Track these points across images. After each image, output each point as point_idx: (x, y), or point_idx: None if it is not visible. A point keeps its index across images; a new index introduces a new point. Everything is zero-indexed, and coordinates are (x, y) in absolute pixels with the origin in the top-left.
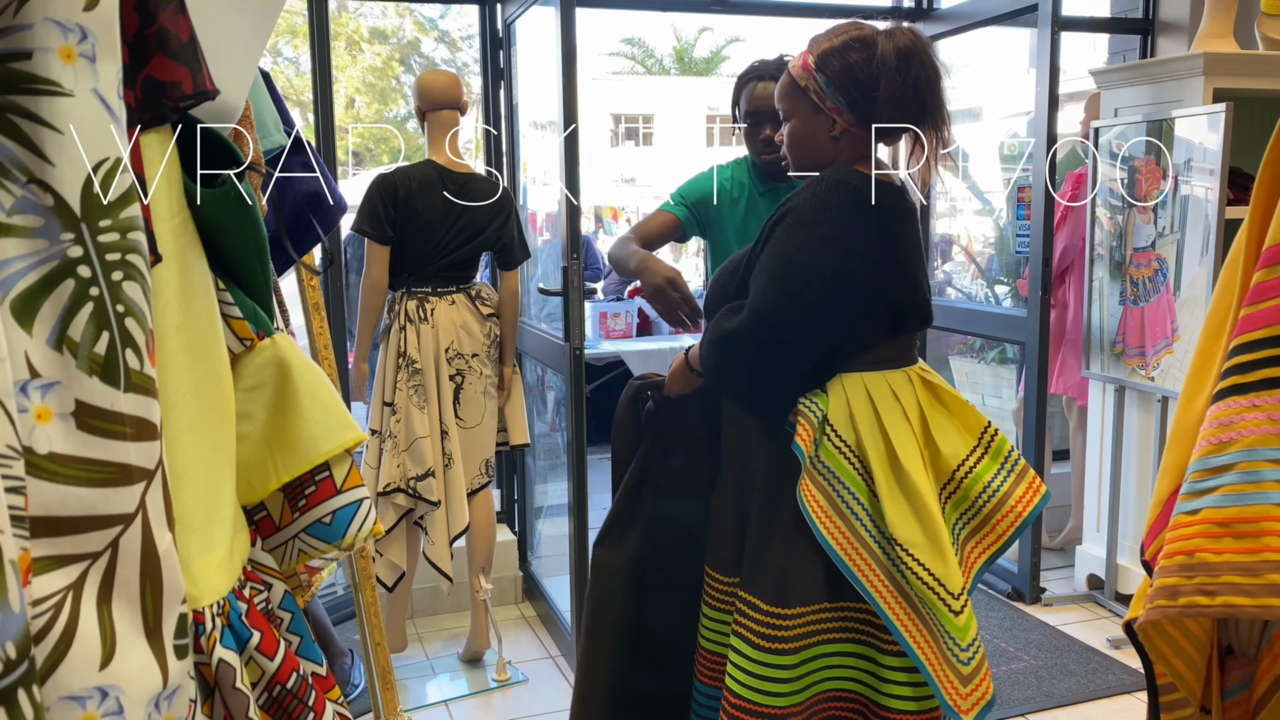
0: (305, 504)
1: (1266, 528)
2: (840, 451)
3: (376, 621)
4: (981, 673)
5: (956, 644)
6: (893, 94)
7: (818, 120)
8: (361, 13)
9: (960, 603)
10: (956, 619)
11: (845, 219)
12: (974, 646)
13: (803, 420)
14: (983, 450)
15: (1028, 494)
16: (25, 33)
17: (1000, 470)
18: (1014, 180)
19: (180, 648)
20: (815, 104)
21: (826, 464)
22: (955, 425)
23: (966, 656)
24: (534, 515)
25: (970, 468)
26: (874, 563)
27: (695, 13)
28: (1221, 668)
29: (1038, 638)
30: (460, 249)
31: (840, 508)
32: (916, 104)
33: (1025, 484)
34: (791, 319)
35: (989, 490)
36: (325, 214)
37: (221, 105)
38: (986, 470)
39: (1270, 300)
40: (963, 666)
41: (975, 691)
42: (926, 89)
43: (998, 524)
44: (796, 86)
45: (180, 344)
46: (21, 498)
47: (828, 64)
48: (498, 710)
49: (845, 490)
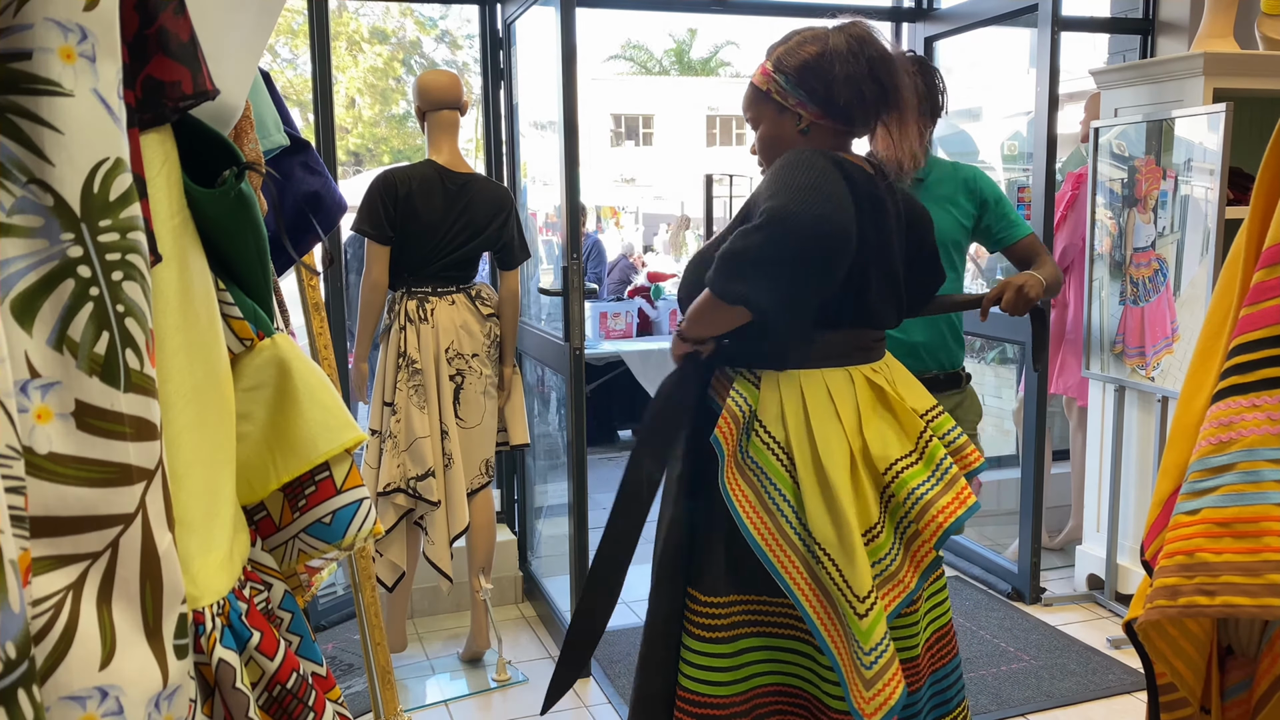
0: (305, 504)
1: (1266, 528)
2: (768, 448)
3: (376, 621)
4: (885, 677)
5: (860, 646)
6: (848, 74)
7: (784, 119)
8: (362, 13)
9: (865, 605)
10: (860, 621)
11: (819, 173)
12: (877, 650)
13: (726, 414)
14: (917, 456)
15: (952, 504)
16: (25, 33)
17: (930, 478)
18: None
19: (180, 648)
20: (779, 104)
21: (755, 459)
22: (894, 428)
23: (869, 660)
24: (534, 515)
25: (898, 472)
26: (797, 559)
27: (695, 13)
28: (1221, 668)
29: (1038, 638)
30: (460, 249)
31: (767, 503)
32: (874, 82)
33: (953, 494)
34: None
35: (914, 496)
36: (325, 214)
37: (221, 105)
38: (914, 476)
39: (1270, 300)
40: (865, 670)
41: (878, 696)
42: (881, 69)
43: (923, 531)
44: (759, 92)
45: (180, 344)
46: (21, 498)
47: (784, 64)
48: (498, 710)
49: (772, 486)
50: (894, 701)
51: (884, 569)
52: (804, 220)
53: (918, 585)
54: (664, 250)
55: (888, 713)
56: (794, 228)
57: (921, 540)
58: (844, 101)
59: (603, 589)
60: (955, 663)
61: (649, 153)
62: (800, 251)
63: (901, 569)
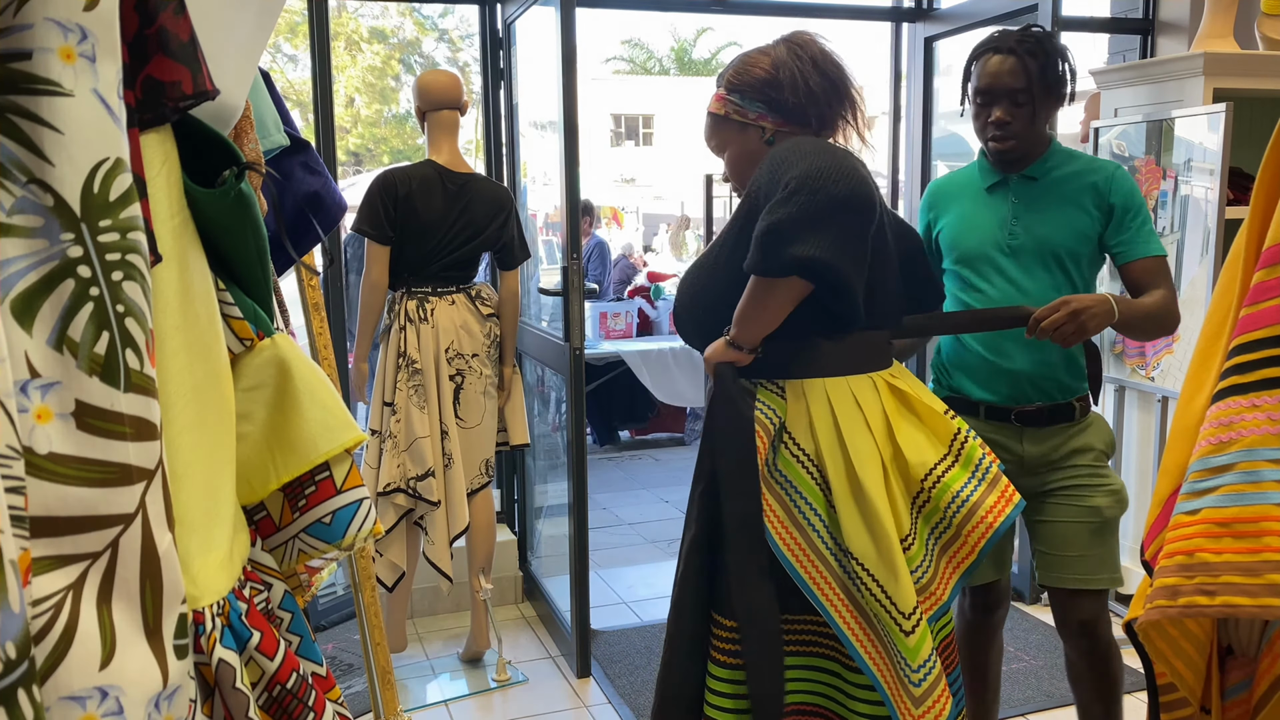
0: (305, 504)
1: (1266, 528)
2: (798, 460)
3: (376, 621)
4: (935, 694)
5: (908, 664)
6: (792, 74)
7: (747, 135)
8: (361, 12)
9: (911, 623)
10: (907, 639)
11: (818, 145)
12: (926, 667)
13: (759, 430)
14: (953, 459)
15: (999, 503)
16: (25, 33)
17: (971, 479)
18: None
19: (180, 648)
20: (740, 123)
21: (784, 473)
22: (924, 433)
23: (918, 678)
24: (534, 515)
25: (938, 477)
26: (830, 576)
27: (695, 13)
28: (1221, 668)
29: (1038, 638)
30: (460, 249)
31: (798, 519)
32: (820, 76)
33: (997, 493)
34: (844, 171)
35: (958, 500)
36: (325, 214)
37: (221, 105)
38: (956, 479)
39: (1270, 300)
40: (914, 688)
41: (929, 713)
42: (824, 63)
43: (969, 535)
44: (718, 119)
45: (180, 344)
46: (21, 498)
47: (735, 84)
48: (498, 710)
49: (803, 501)
50: (944, 717)
51: (917, 579)
52: (834, 176)
53: (951, 597)
54: (664, 250)
55: None
56: (827, 184)
57: (965, 544)
58: (795, 101)
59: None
60: (956, 672)
61: (649, 153)
62: (841, 203)
63: (934, 581)
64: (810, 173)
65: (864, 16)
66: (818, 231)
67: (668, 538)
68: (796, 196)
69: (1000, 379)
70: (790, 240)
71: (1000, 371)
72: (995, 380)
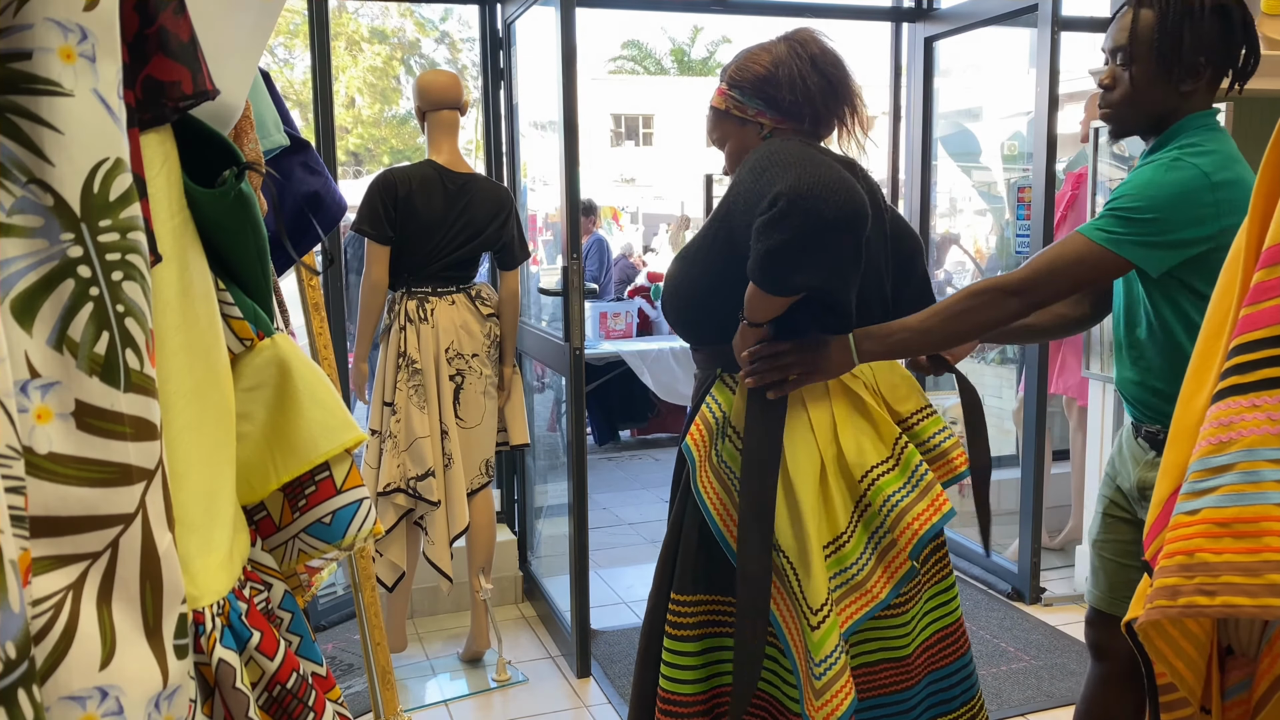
0: (305, 504)
1: (1266, 528)
2: (740, 451)
3: (376, 621)
4: (834, 688)
5: (811, 658)
6: (790, 73)
7: (746, 130)
8: (361, 13)
9: (818, 618)
10: (813, 633)
11: (800, 150)
12: (827, 662)
13: (699, 420)
14: (894, 462)
15: (928, 510)
16: (25, 33)
17: (906, 484)
18: (1014, 180)
19: (180, 648)
20: (739, 118)
21: (728, 463)
22: (870, 436)
23: (820, 670)
24: (534, 515)
25: (874, 479)
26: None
27: (694, 13)
28: (1221, 668)
29: (1038, 638)
30: (460, 249)
31: (736, 504)
32: (818, 75)
33: (928, 500)
34: (832, 181)
35: (889, 504)
36: (325, 214)
37: (221, 105)
38: (890, 483)
39: (1270, 300)
40: (816, 680)
41: (826, 706)
42: (824, 63)
43: (898, 539)
44: (719, 113)
45: (180, 344)
46: (21, 498)
47: (737, 79)
48: (498, 710)
49: (738, 487)
50: (841, 712)
51: (849, 577)
52: (823, 193)
53: (890, 595)
54: (664, 250)
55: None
56: (818, 204)
57: (897, 549)
58: (792, 100)
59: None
60: (960, 663)
61: (649, 153)
62: (833, 225)
63: (871, 578)
64: (800, 190)
65: (864, 16)
66: (815, 257)
67: None
68: (790, 220)
69: (1120, 389)
70: (792, 267)
71: (1117, 381)
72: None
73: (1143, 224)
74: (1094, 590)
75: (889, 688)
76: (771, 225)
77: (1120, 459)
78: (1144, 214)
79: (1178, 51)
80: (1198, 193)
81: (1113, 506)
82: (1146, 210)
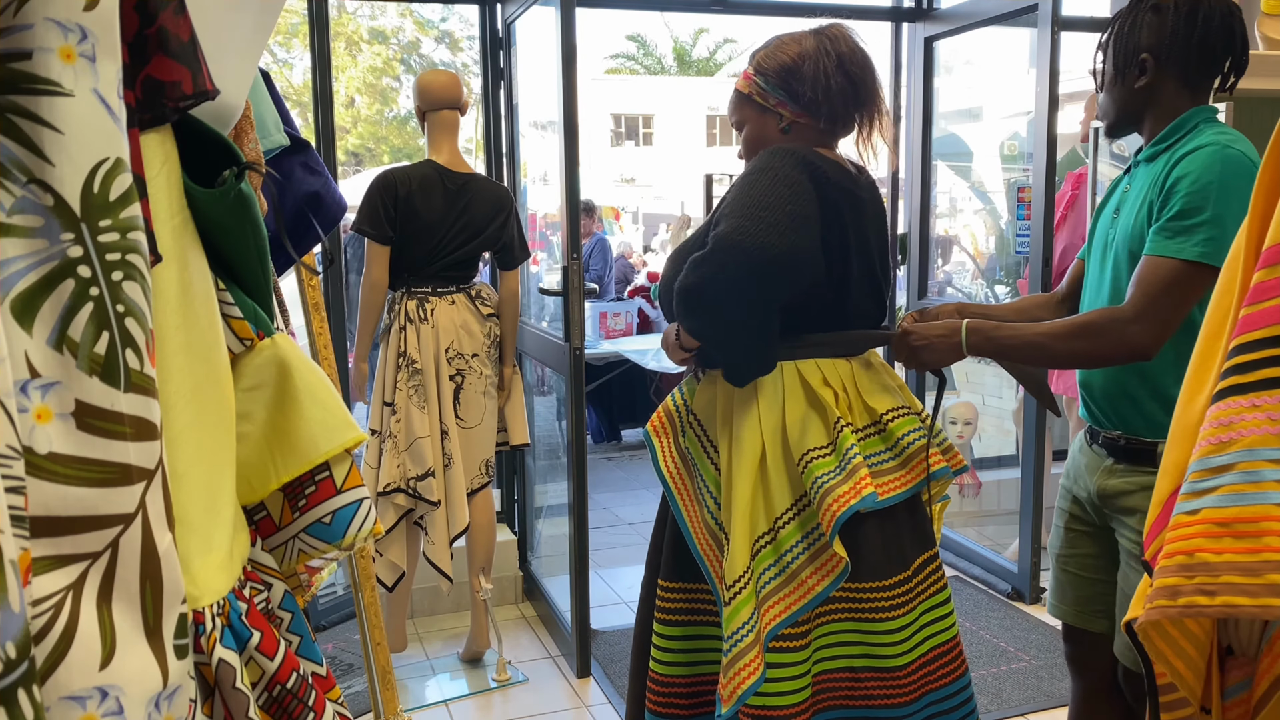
0: (305, 504)
1: (1266, 528)
2: (699, 440)
3: (376, 621)
4: (740, 664)
5: (724, 630)
6: (816, 70)
7: (766, 119)
8: (360, 13)
9: (731, 592)
10: (725, 608)
11: (782, 183)
12: (734, 639)
13: (661, 410)
14: (830, 448)
15: (848, 494)
16: (25, 33)
17: (836, 468)
18: (1014, 180)
19: (180, 648)
20: (760, 105)
21: (689, 450)
22: (816, 421)
23: (727, 646)
24: (534, 515)
25: (807, 461)
26: (716, 548)
27: (695, 13)
28: (1221, 668)
29: (1038, 638)
30: (460, 249)
31: (696, 492)
32: (842, 75)
33: (851, 483)
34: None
35: (817, 484)
36: (325, 214)
37: (221, 105)
38: (821, 467)
39: (1270, 300)
40: (724, 655)
41: (731, 682)
42: (850, 63)
43: (821, 520)
44: (742, 96)
45: (180, 344)
46: (21, 498)
47: (764, 67)
48: (498, 710)
49: (699, 476)
50: (743, 690)
51: (784, 565)
52: (759, 238)
53: (826, 589)
54: (665, 250)
55: (737, 700)
56: (740, 254)
57: (825, 540)
58: (814, 96)
59: None
60: (958, 685)
61: (649, 153)
62: (743, 283)
63: (804, 569)
64: (735, 234)
65: (864, 16)
66: (712, 310)
67: None
68: (708, 263)
69: (1084, 393)
70: (693, 309)
71: (1083, 383)
72: (1083, 393)
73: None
74: (1060, 605)
75: (877, 700)
76: (694, 265)
77: (1075, 470)
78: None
79: (1146, 52)
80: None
81: (1073, 520)
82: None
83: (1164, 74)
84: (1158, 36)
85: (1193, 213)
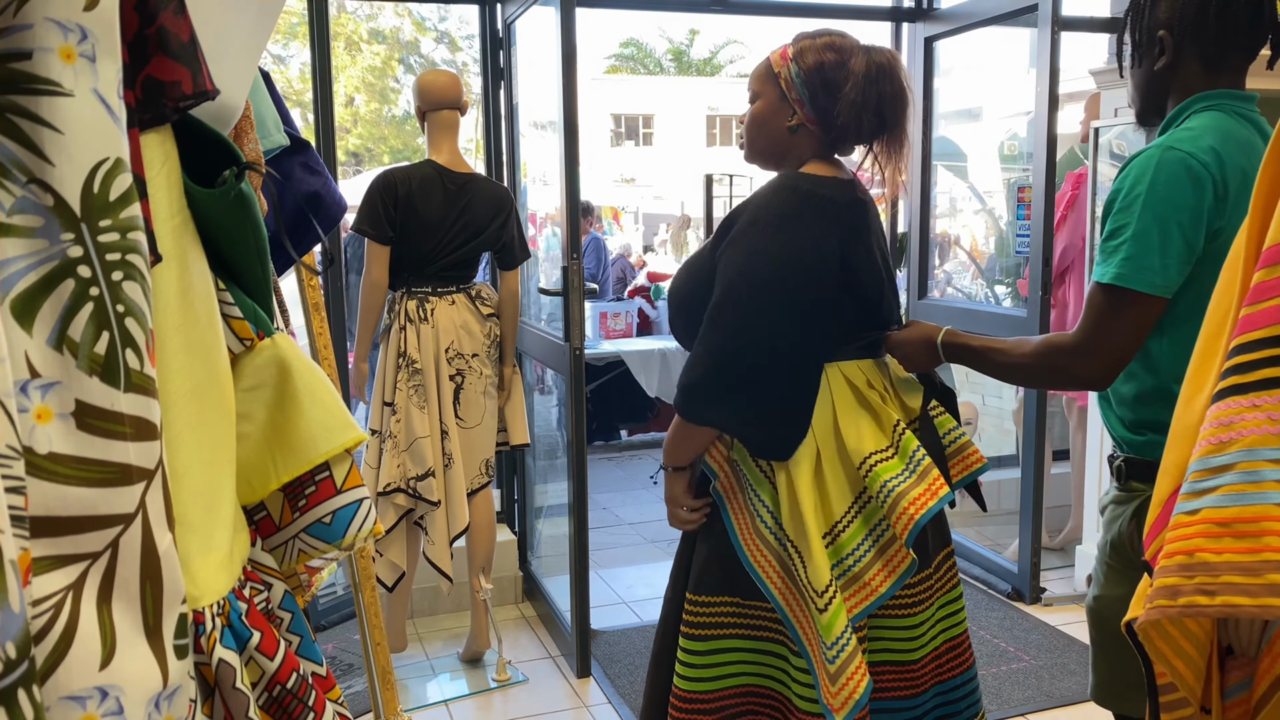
0: (305, 504)
1: (1266, 528)
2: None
3: (376, 621)
4: (848, 672)
5: (823, 641)
6: (855, 99)
7: (781, 107)
8: (359, 13)
9: (824, 600)
10: (820, 615)
11: (793, 223)
12: (838, 645)
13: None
14: (893, 450)
15: (924, 495)
16: (25, 33)
17: (904, 471)
18: (1014, 180)
19: (180, 648)
20: (783, 91)
21: (739, 461)
22: (870, 424)
23: (831, 654)
24: (534, 515)
25: (871, 466)
26: (774, 560)
27: (694, 13)
28: (1221, 668)
29: (1038, 638)
30: (460, 249)
31: (746, 504)
32: (876, 117)
33: (925, 484)
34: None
35: (885, 489)
36: (325, 214)
37: (221, 105)
38: (888, 470)
39: (1270, 300)
40: (829, 665)
41: (843, 691)
42: (889, 105)
43: (895, 525)
44: (771, 71)
45: (180, 344)
46: (21, 498)
47: (803, 58)
48: (498, 710)
49: (750, 487)
50: (858, 695)
51: (846, 568)
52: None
53: (890, 589)
54: (664, 250)
55: (853, 707)
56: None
57: (899, 543)
58: (842, 122)
59: None
60: (965, 677)
61: (649, 153)
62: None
63: (869, 570)
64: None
65: (864, 16)
66: (731, 395)
67: (668, 538)
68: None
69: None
70: (704, 403)
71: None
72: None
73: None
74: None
75: (891, 692)
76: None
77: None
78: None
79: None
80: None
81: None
82: None
83: (1184, 53)
84: (1173, 10)
85: (1117, 232)
